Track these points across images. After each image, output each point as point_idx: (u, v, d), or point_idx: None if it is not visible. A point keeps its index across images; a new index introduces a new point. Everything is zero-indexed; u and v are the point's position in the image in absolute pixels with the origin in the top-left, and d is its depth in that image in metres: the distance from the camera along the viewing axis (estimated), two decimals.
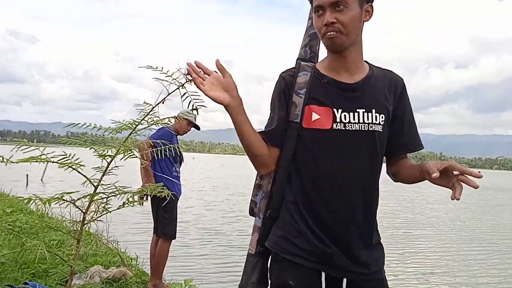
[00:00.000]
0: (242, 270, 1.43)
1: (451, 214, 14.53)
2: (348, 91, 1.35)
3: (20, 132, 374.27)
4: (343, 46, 1.31)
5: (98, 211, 2.01)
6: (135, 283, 3.79)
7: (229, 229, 9.02)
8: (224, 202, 14.02)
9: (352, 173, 1.32)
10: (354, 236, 1.34)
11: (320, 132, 1.32)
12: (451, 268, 7.00)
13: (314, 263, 1.32)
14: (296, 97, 1.36)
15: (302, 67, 1.40)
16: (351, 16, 1.27)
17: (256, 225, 1.44)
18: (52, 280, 3.28)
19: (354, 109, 1.33)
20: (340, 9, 1.26)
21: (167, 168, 3.79)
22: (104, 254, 4.59)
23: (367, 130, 1.33)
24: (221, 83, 1.32)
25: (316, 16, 1.31)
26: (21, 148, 1.73)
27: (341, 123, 1.32)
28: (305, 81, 1.36)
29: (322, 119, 1.32)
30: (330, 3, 1.26)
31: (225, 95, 1.32)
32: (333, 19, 1.26)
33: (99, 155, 1.80)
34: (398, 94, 1.41)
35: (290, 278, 1.32)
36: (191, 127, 4.00)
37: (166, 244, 3.83)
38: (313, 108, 1.33)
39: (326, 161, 1.32)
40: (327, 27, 1.27)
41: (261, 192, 1.46)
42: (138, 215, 8.96)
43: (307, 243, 1.33)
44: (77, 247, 2.00)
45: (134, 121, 1.80)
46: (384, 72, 1.43)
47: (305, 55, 1.49)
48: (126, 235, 7.21)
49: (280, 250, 1.36)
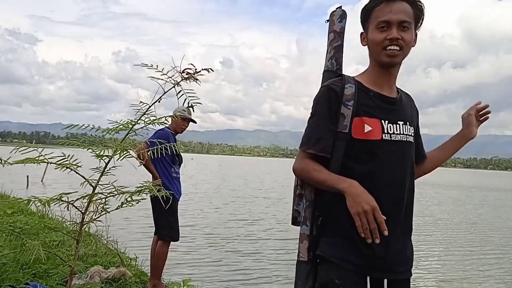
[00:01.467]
0: (295, 278, 1.46)
1: (460, 216, 14.53)
2: (391, 104, 1.46)
3: (20, 133, 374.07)
4: (398, 63, 1.44)
5: (97, 212, 2.02)
6: (134, 283, 3.80)
7: (228, 230, 9.04)
8: (222, 204, 14.03)
9: (404, 182, 1.43)
10: (399, 240, 1.43)
11: (373, 142, 1.39)
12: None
13: (360, 268, 1.39)
14: (344, 108, 1.41)
15: (346, 79, 1.46)
16: (411, 37, 1.41)
17: (304, 233, 1.47)
18: (52, 281, 3.30)
19: (396, 121, 1.44)
20: (404, 29, 1.39)
21: (166, 169, 3.80)
22: (104, 255, 4.61)
23: (406, 140, 1.46)
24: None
25: (378, 30, 1.40)
26: (20, 149, 1.75)
27: (387, 134, 1.42)
28: (352, 93, 1.43)
29: (374, 130, 1.40)
30: (399, 21, 1.38)
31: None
32: (399, 36, 1.37)
33: (97, 156, 1.82)
34: (416, 111, 1.60)
35: (337, 278, 1.38)
36: (188, 123, 4.00)
37: (166, 245, 3.84)
38: (365, 120, 1.40)
39: (380, 170, 1.39)
40: (391, 41, 1.37)
41: (305, 201, 1.49)
42: (137, 216, 8.98)
43: (356, 250, 1.38)
44: (77, 247, 2.02)
45: (131, 121, 1.82)
46: (401, 90, 1.57)
47: (332, 67, 1.56)
48: (125, 236, 7.22)
49: (329, 254, 1.41)
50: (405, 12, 1.39)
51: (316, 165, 1.43)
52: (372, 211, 1.29)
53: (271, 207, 13.38)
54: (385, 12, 1.38)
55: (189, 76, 1.62)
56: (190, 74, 1.61)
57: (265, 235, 8.67)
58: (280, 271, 5.93)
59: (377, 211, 1.29)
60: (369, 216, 1.28)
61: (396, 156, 1.42)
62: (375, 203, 1.30)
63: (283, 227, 9.59)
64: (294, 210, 1.54)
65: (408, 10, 1.40)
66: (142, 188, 2.13)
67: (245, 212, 12.03)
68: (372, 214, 1.28)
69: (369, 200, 1.30)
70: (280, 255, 6.95)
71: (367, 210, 1.28)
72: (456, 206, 17.60)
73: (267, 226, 9.84)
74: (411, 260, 1.49)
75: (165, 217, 3.74)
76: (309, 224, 1.46)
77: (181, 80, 1.54)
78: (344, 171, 1.40)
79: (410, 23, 1.40)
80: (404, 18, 1.38)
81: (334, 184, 1.36)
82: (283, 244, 7.86)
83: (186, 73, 1.62)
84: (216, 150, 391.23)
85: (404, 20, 1.38)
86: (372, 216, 1.28)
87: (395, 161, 1.41)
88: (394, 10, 1.38)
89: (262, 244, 7.77)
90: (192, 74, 1.61)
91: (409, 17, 1.40)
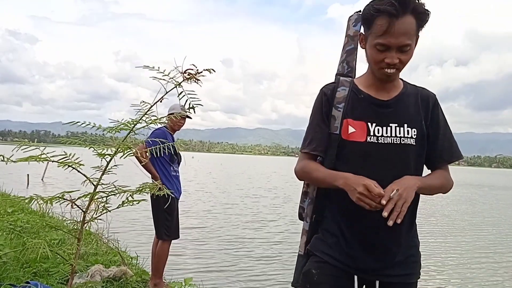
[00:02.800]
0: (294, 270, 1.56)
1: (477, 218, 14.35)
2: (382, 107, 1.44)
3: (21, 132, 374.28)
4: (395, 79, 1.44)
5: (98, 210, 2.03)
6: (135, 282, 3.81)
7: (228, 229, 9.04)
8: (223, 202, 14.05)
9: (386, 184, 1.34)
10: (385, 242, 1.41)
11: (356, 144, 1.41)
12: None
13: (341, 264, 1.43)
14: (335, 110, 1.46)
15: (341, 82, 1.50)
16: (411, 56, 1.38)
17: (304, 228, 1.57)
18: (53, 279, 3.30)
19: (387, 124, 1.42)
20: (404, 52, 1.34)
21: (165, 168, 3.80)
22: (105, 253, 4.61)
23: (399, 143, 1.41)
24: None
25: (377, 50, 1.36)
26: (22, 147, 1.75)
27: (374, 136, 1.41)
28: (344, 95, 1.47)
29: (357, 132, 1.42)
30: (398, 46, 1.33)
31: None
32: (397, 60, 1.34)
33: (99, 154, 1.82)
34: (431, 110, 1.48)
35: (314, 268, 1.46)
36: (184, 120, 3.98)
37: (166, 243, 3.86)
38: (349, 121, 1.43)
39: (363, 172, 1.37)
40: (389, 65, 1.35)
41: (308, 199, 1.58)
42: (138, 215, 8.99)
43: (339, 247, 1.44)
44: (78, 246, 2.02)
45: (133, 120, 1.82)
46: (417, 88, 1.51)
47: (343, 70, 1.58)
48: (126, 235, 7.24)
49: (315, 249, 1.50)
50: (407, 34, 1.31)
51: (314, 165, 1.49)
52: (365, 189, 1.29)
53: (278, 208, 13.32)
54: (386, 34, 1.31)
55: (191, 77, 1.62)
56: (192, 75, 1.61)
57: (268, 235, 8.68)
58: (279, 270, 5.94)
59: (370, 187, 1.28)
60: (367, 195, 1.29)
61: (381, 158, 1.40)
62: (365, 180, 1.31)
63: (289, 226, 9.58)
64: (300, 206, 1.62)
65: (410, 29, 1.31)
66: (142, 187, 2.13)
67: (253, 212, 11.95)
68: (368, 191, 1.29)
69: (359, 181, 1.31)
70: (281, 254, 6.95)
71: (361, 191, 1.29)
72: (470, 206, 17.19)
73: (270, 225, 9.85)
74: (411, 264, 1.46)
75: (163, 215, 3.76)
76: (309, 220, 1.55)
77: (182, 81, 1.54)
78: (335, 170, 1.44)
79: (411, 44, 1.33)
80: (405, 42, 1.31)
81: (332, 181, 1.40)
82: (285, 243, 7.87)
83: (188, 73, 1.62)
84: (217, 148, 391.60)
85: (405, 44, 1.31)
86: (368, 192, 1.29)
87: (381, 164, 1.39)
88: (395, 32, 1.29)
89: (264, 244, 7.77)
90: (194, 74, 1.61)
91: (411, 36, 1.32)
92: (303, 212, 1.59)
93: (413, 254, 1.48)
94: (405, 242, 1.44)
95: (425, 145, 1.46)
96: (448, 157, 1.50)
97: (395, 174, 1.37)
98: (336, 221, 1.46)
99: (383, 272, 1.42)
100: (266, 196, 16.50)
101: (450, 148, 1.50)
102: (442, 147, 1.48)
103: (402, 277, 1.44)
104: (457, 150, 1.51)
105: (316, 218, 1.54)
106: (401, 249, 1.43)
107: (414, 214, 1.48)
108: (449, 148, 1.49)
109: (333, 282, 1.42)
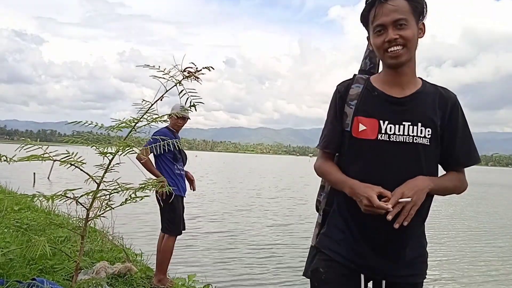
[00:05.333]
0: (306, 261, 1.60)
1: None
2: (396, 104, 1.41)
3: (27, 131, 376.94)
4: (405, 61, 1.37)
5: (102, 208, 2.06)
6: (140, 278, 3.85)
7: (233, 226, 9.09)
8: (227, 199, 14.09)
9: (396, 183, 1.34)
10: (393, 242, 1.39)
11: (366, 142, 1.40)
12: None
13: (349, 261, 1.43)
14: (347, 107, 1.46)
15: (356, 80, 1.50)
16: (411, 32, 1.35)
17: (317, 221, 1.61)
18: (59, 276, 3.35)
19: (400, 122, 1.38)
20: (401, 27, 1.33)
21: (168, 167, 3.88)
22: (110, 250, 4.67)
23: (411, 142, 1.37)
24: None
25: (376, 35, 1.37)
26: (26, 147, 1.78)
27: (385, 134, 1.38)
28: (357, 93, 1.46)
29: (368, 129, 1.40)
30: (392, 21, 1.34)
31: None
32: (396, 35, 1.33)
33: (101, 153, 1.85)
34: (449, 111, 1.43)
35: (323, 266, 1.47)
36: (182, 120, 4.03)
37: (171, 240, 3.91)
38: (360, 119, 1.41)
39: (373, 170, 1.39)
40: (390, 42, 1.34)
41: (323, 193, 1.62)
42: (142, 212, 9.05)
43: (347, 244, 1.44)
44: (82, 243, 2.06)
45: (134, 118, 1.85)
46: (437, 88, 1.46)
47: (365, 66, 1.60)
48: (131, 232, 7.29)
49: (323, 246, 1.51)
50: (398, 10, 1.34)
51: (328, 166, 1.51)
52: (368, 201, 1.30)
53: (282, 207, 13.35)
54: (378, 15, 1.35)
55: (190, 75, 1.64)
56: (191, 73, 1.63)
57: (272, 235, 8.70)
58: (283, 274, 5.95)
59: (372, 199, 1.29)
60: (372, 206, 1.30)
61: (392, 156, 1.37)
62: (368, 192, 1.31)
63: (294, 220, 9.58)
64: (316, 199, 1.66)
65: (402, 7, 1.34)
66: (145, 184, 2.16)
67: (264, 211, 11.95)
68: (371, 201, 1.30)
69: (363, 192, 1.33)
70: (284, 251, 6.97)
71: (366, 203, 1.31)
72: (486, 207, 16.76)
73: (276, 223, 9.86)
74: (419, 265, 1.45)
75: (166, 211, 3.89)
76: (322, 213, 1.60)
77: (182, 79, 1.56)
78: (345, 168, 1.47)
79: (407, 19, 1.34)
80: (397, 17, 1.33)
81: (341, 188, 1.44)
82: (290, 237, 7.88)
83: (187, 71, 1.65)
84: (220, 147, 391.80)
85: (398, 18, 1.33)
86: (370, 203, 1.30)
87: (392, 162, 1.37)
88: (386, 11, 1.34)
89: (266, 244, 7.80)
90: (193, 72, 1.63)
91: (404, 13, 1.34)
92: (319, 205, 1.63)
93: (421, 254, 1.46)
94: (413, 243, 1.43)
95: (439, 146, 1.42)
96: (465, 160, 1.47)
97: (406, 174, 1.35)
98: (343, 216, 1.47)
99: (391, 272, 1.41)
100: (270, 194, 16.52)
101: (468, 152, 1.46)
102: (460, 151, 1.44)
103: (409, 277, 1.43)
104: (475, 154, 1.47)
105: (325, 211, 1.58)
106: (409, 250, 1.42)
107: (423, 215, 1.44)
108: (467, 152, 1.46)
109: (341, 280, 1.43)
